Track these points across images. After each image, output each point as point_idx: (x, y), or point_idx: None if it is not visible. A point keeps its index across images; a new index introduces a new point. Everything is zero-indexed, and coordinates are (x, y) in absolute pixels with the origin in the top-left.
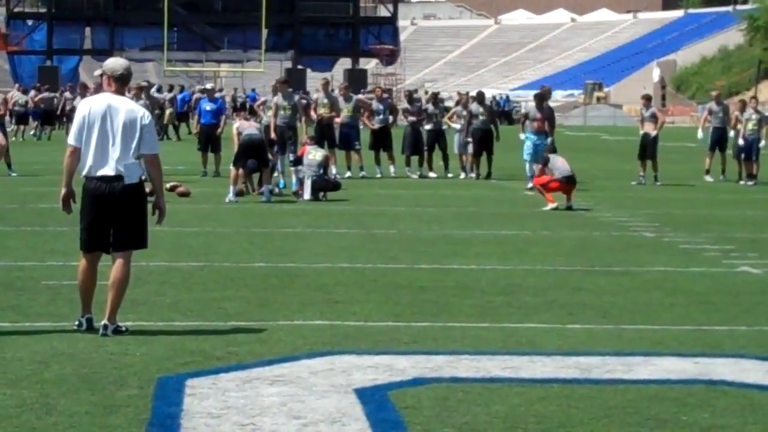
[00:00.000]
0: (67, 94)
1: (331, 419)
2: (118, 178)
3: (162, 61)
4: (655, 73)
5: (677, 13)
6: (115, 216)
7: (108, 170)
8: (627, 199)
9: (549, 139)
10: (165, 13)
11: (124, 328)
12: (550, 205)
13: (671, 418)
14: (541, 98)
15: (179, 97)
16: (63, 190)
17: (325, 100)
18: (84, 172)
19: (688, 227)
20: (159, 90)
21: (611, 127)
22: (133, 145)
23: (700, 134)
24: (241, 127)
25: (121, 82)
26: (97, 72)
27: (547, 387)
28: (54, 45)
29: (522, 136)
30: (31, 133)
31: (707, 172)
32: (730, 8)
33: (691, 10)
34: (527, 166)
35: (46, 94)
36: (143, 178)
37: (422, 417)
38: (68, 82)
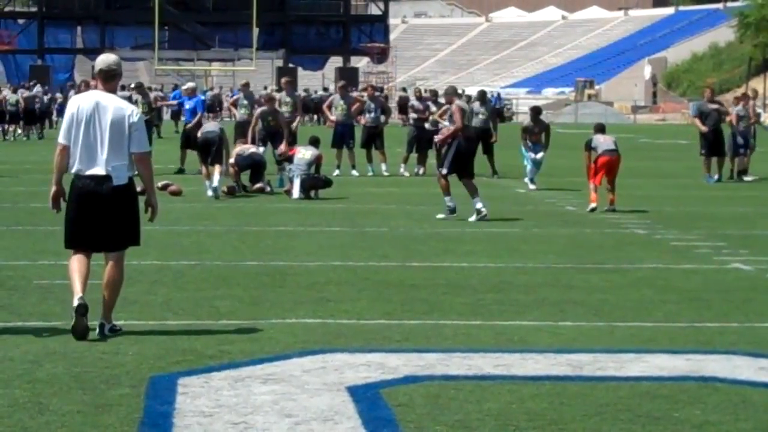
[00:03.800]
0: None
1: (324, 417)
2: (108, 178)
3: (153, 60)
4: (647, 71)
5: (668, 11)
6: (104, 216)
7: (98, 170)
8: (618, 196)
9: (540, 154)
10: (156, 11)
11: (119, 327)
12: (591, 205)
13: (663, 415)
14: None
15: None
16: (53, 189)
17: (245, 101)
18: (73, 170)
19: (680, 224)
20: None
21: None
22: (124, 143)
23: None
24: (204, 129)
25: (106, 79)
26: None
27: (538, 384)
28: (45, 44)
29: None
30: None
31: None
32: (720, 5)
33: (682, 8)
34: (528, 167)
35: (29, 93)
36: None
37: (414, 415)
38: (67, 82)
